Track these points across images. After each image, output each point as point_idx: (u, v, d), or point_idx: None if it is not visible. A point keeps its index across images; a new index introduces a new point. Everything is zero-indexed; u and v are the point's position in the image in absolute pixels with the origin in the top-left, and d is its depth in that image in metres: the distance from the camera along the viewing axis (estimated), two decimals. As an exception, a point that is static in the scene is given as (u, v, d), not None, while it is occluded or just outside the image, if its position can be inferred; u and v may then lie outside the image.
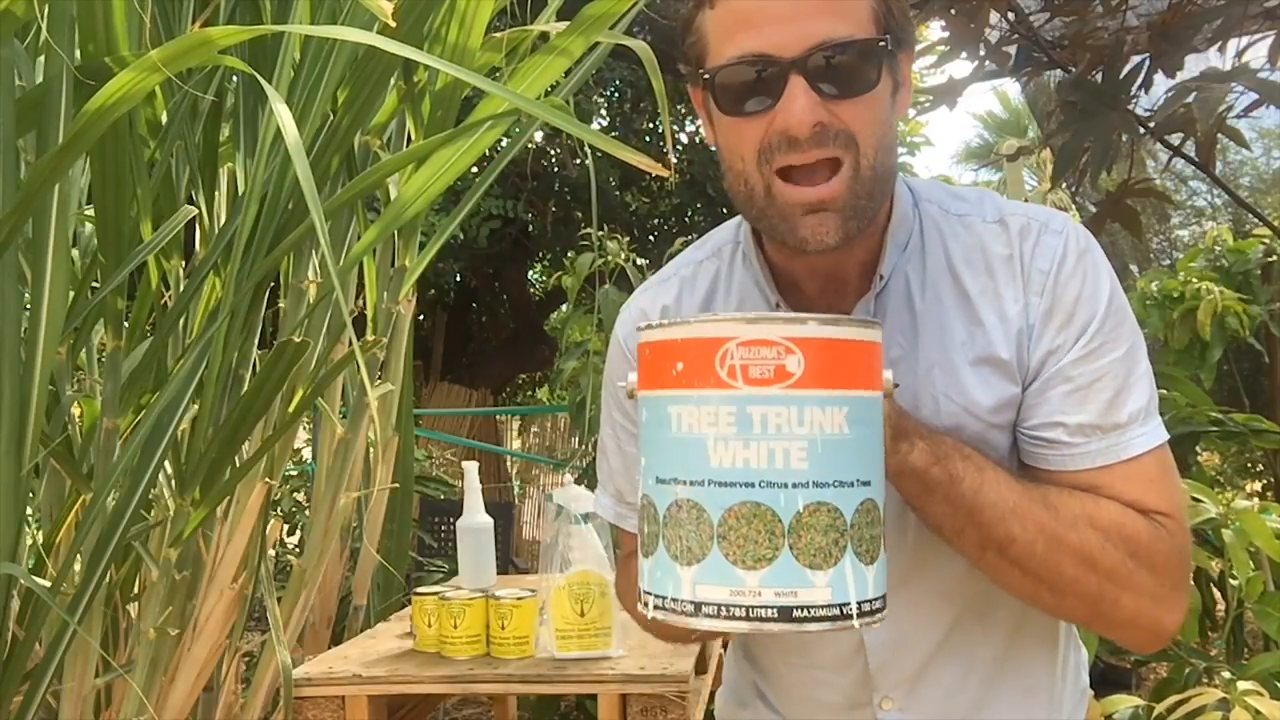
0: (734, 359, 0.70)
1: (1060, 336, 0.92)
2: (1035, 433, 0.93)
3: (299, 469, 4.77)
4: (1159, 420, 0.93)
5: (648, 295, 1.09)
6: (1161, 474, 0.92)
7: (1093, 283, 0.92)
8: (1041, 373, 0.93)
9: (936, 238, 0.98)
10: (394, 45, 1.46)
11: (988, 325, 0.94)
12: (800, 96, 0.84)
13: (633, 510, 1.10)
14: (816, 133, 0.85)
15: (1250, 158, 9.37)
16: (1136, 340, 0.93)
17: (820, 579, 0.68)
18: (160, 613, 1.83)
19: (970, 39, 2.40)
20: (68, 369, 1.99)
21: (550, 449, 8.37)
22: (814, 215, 0.87)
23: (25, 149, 1.75)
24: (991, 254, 0.95)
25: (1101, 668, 2.96)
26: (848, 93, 0.86)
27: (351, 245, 2.19)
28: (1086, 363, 0.91)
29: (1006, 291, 0.94)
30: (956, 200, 1.00)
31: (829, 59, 0.85)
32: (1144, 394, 0.92)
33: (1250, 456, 4.87)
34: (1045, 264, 0.93)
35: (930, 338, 0.95)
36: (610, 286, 3.57)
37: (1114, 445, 0.91)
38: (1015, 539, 0.86)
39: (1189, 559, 0.92)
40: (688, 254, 1.10)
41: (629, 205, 8.22)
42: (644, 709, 1.76)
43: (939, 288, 0.96)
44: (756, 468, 0.69)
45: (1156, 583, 0.88)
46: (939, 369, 0.95)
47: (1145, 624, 0.90)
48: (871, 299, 0.96)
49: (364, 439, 2.30)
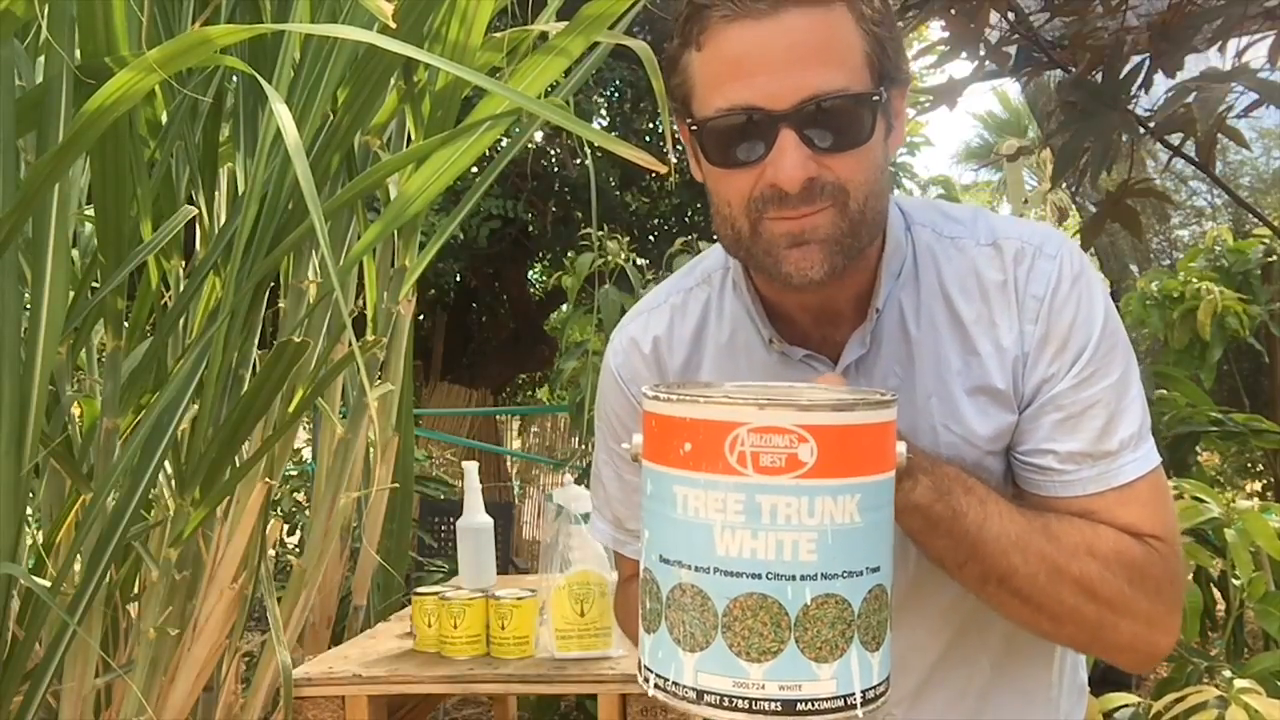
0: (744, 445, 0.67)
1: (1055, 364, 0.91)
2: (1027, 459, 0.93)
3: (299, 469, 4.77)
4: (1151, 444, 0.93)
5: (638, 323, 1.07)
6: (1154, 498, 0.92)
7: (1087, 309, 0.92)
8: (1036, 399, 0.92)
9: (930, 263, 0.96)
10: (394, 44, 1.46)
11: (983, 355, 0.93)
12: (791, 151, 0.83)
13: (631, 536, 1.09)
14: (806, 187, 0.84)
15: (1250, 158, 9.37)
16: (1129, 364, 0.93)
17: (825, 671, 0.67)
18: (160, 613, 1.83)
19: (970, 39, 2.40)
20: (68, 369, 1.99)
21: (550, 449, 8.36)
22: (798, 249, 0.86)
23: (25, 149, 1.75)
24: (985, 279, 0.94)
25: (1101, 668, 2.96)
26: (840, 147, 0.85)
27: (351, 245, 2.19)
28: (1078, 391, 0.91)
29: (1001, 320, 0.93)
30: (949, 222, 0.98)
31: (821, 112, 0.83)
32: (1135, 419, 0.92)
33: (1250, 456, 4.87)
34: (1039, 290, 0.92)
35: (926, 366, 0.95)
36: (610, 286, 3.57)
37: (1105, 473, 0.90)
38: (1017, 571, 0.86)
39: (1182, 581, 0.93)
40: (677, 280, 1.07)
41: (629, 205, 8.21)
42: (644, 709, 1.76)
43: (933, 314, 0.95)
44: (764, 559, 0.67)
45: (1152, 607, 0.89)
46: (936, 398, 0.94)
47: (1142, 647, 0.91)
48: (867, 332, 0.95)
49: (364, 439, 2.30)
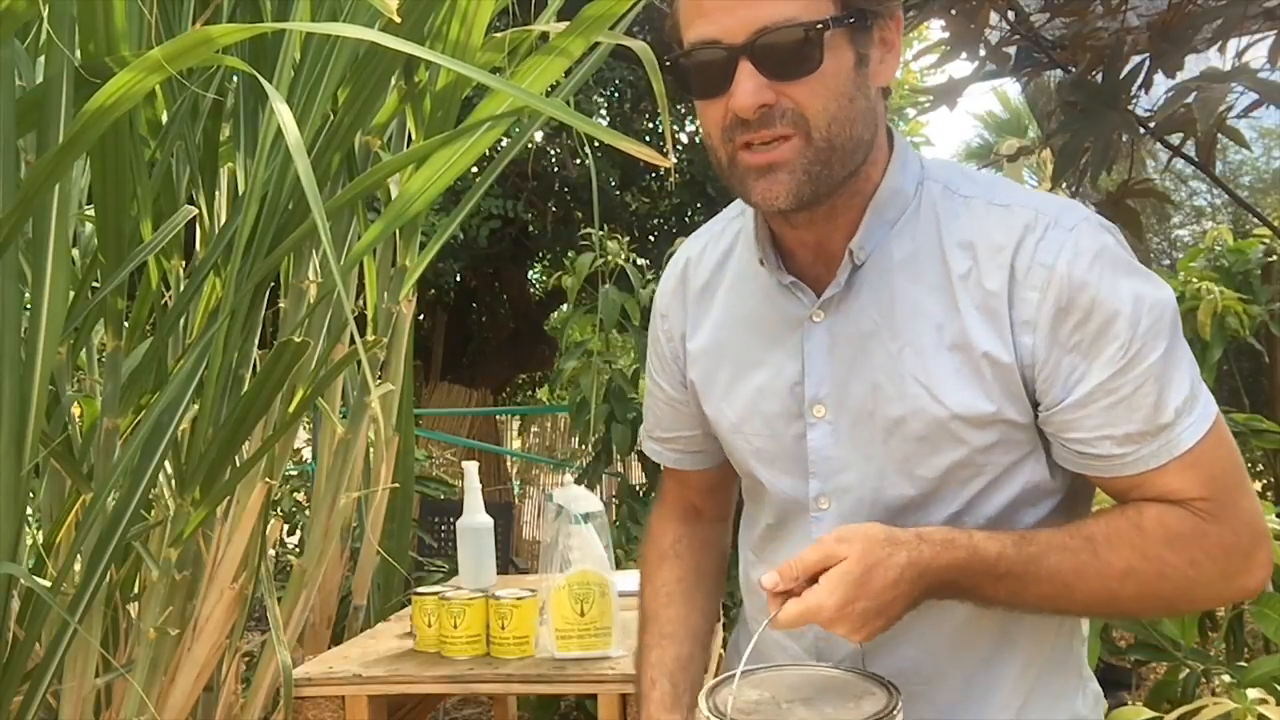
0: None
1: (1077, 334, 0.90)
2: (1083, 448, 0.93)
3: (299, 469, 4.77)
4: (1204, 398, 0.92)
5: (686, 245, 1.16)
6: (1214, 453, 0.92)
7: (1110, 284, 0.90)
8: (1075, 385, 0.91)
9: (932, 216, 0.97)
10: (396, 41, 1.46)
11: (962, 311, 0.93)
12: (745, 81, 0.89)
13: (660, 444, 1.21)
14: (763, 113, 0.89)
15: (1250, 158, 9.38)
16: (1175, 333, 0.91)
17: None
18: (160, 613, 1.83)
19: (970, 39, 2.40)
20: (68, 369, 1.99)
21: (550, 449, 8.36)
22: (764, 179, 0.91)
23: (25, 149, 1.75)
24: (986, 239, 0.94)
25: (1102, 667, 2.96)
26: (793, 74, 0.89)
27: (351, 245, 2.19)
28: (1125, 373, 0.89)
29: (992, 281, 0.92)
30: (967, 182, 0.99)
31: (773, 42, 0.88)
32: (1186, 382, 0.91)
33: (1250, 456, 4.86)
34: (1048, 258, 0.91)
35: (905, 316, 0.95)
36: (610, 286, 3.57)
37: (1165, 445, 0.91)
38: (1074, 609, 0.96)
39: (1250, 530, 0.93)
40: (731, 208, 1.14)
41: (629, 205, 8.21)
42: (644, 709, 1.76)
43: (924, 266, 0.95)
44: None
45: (1225, 568, 0.92)
46: (911, 349, 0.95)
47: (1230, 597, 1.00)
48: (845, 271, 0.97)
49: (364, 439, 2.30)
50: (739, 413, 1.06)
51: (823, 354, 0.99)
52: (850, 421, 0.99)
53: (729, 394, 1.07)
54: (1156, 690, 2.16)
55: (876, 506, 0.98)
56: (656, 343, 1.17)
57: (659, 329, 1.16)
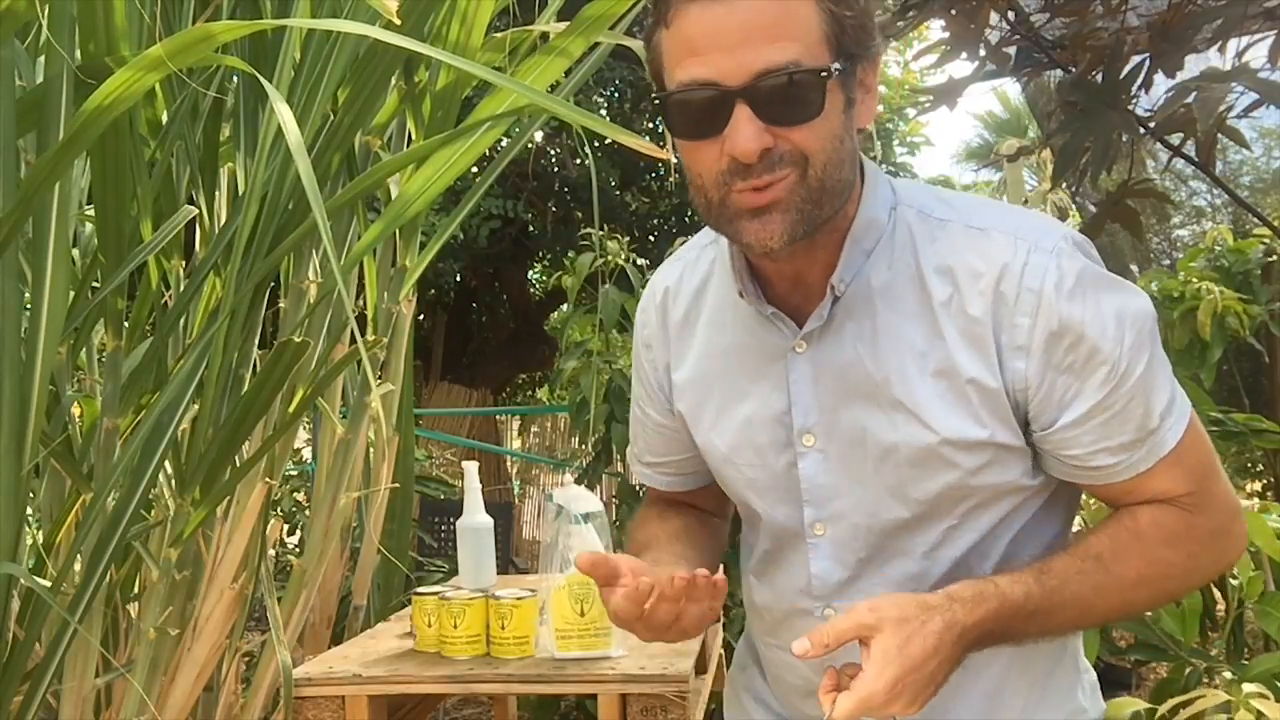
0: None
1: (1070, 355, 0.91)
2: (1079, 462, 0.95)
3: (299, 469, 4.77)
4: (1180, 395, 0.95)
5: (665, 270, 1.15)
6: (1190, 450, 0.95)
7: (1094, 304, 0.91)
8: (1069, 406, 0.92)
9: (908, 242, 0.96)
10: (397, 39, 1.46)
11: (948, 339, 0.93)
12: (744, 125, 0.87)
13: (652, 468, 1.19)
14: (765, 157, 0.88)
15: (1250, 158, 9.37)
16: (1154, 341, 0.93)
17: None
18: (160, 613, 1.83)
19: (970, 39, 2.39)
20: (68, 369, 1.99)
21: (550, 449, 8.36)
22: (758, 220, 0.90)
23: (25, 149, 1.75)
24: (964, 264, 0.94)
25: (1101, 667, 2.96)
26: (794, 119, 0.88)
27: (351, 245, 2.19)
28: (1117, 390, 0.92)
29: (975, 308, 0.92)
30: (941, 205, 0.98)
31: (773, 86, 0.86)
32: (1166, 384, 0.94)
33: (1250, 456, 4.86)
34: (1035, 283, 0.91)
35: (888, 345, 0.95)
36: (610, 286, 3.57)
37: (1153, 448, 0.93)
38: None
39: (1226, 509, 0.97)
40: (699, 236, 1.13)
41: (629, 205, 8.21)
42: (644, 709, 1.76)
43: (903, 294, 0.95)
44: None
45: (1215, 552, 0.98)
46: (895, 376, 0.95)
47: (1219, 572, 1.20)
48: (826, 306, 0.96)
49: (364, 439, 2.30)
50: (729, 444, 1.06)
51: (808, 384, 0.99)
52: (840, 449, 0.99)
53: (717, 425, 1.07)
54: (1159, 689, 2.16)
55: (873, 530, 0.99)
56: (641, 370, 1.16)
57: (644, 359, 1.15)
